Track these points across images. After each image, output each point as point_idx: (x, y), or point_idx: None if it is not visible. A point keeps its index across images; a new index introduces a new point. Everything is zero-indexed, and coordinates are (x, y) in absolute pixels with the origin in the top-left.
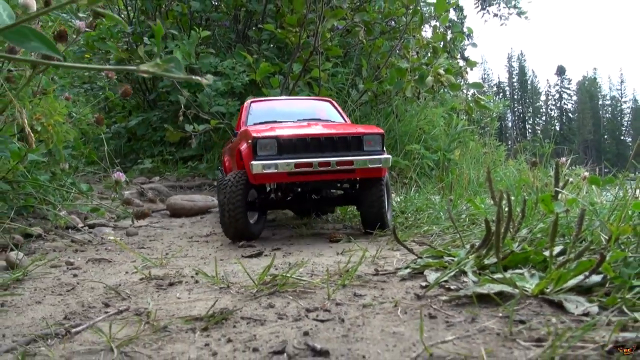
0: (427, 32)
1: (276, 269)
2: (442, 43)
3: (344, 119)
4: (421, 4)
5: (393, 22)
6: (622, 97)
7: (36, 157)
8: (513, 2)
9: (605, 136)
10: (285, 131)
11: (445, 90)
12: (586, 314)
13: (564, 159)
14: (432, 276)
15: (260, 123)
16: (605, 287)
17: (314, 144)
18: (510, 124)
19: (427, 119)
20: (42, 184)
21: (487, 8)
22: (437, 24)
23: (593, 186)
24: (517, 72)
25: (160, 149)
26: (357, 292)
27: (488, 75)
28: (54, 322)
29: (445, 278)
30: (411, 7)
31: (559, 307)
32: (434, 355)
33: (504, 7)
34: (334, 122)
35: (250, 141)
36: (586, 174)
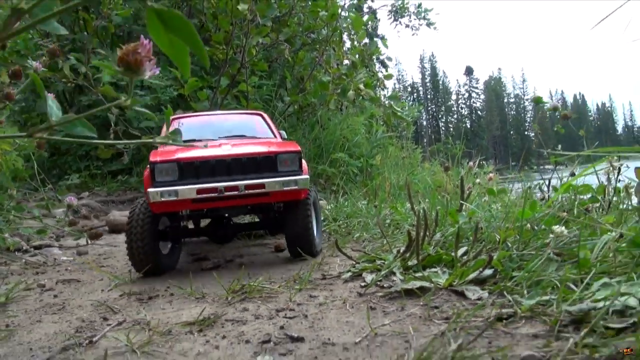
0: (347, 42)
1: (239, 279)
2: (360, 57)
3: (274, 134)
4: (339, 19)
5: (313, 35)
6: (524, 95)
7: None
8: (422, 14)
9: (511, 132)
10: (188, 153)
11: (365, 99)
12: (480, 299)
13: (471, 163)
14: (369, 277)
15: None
16: (495, 278)
17: (221, 167)
18: (424, 122)
19: (350, 128)
20: None
21: (400, 19)
22: (355, 40)
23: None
24: (429, 72)
25: (87, 163)
26: (311, 294)
27: (402, 76)
28: (68, 335)
29: (379, 278)
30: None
31: (461, 295)
32: (377, 334)
33: (415, 19)
34: (259, 138)
35: (148, 166)
36: (491, 174)
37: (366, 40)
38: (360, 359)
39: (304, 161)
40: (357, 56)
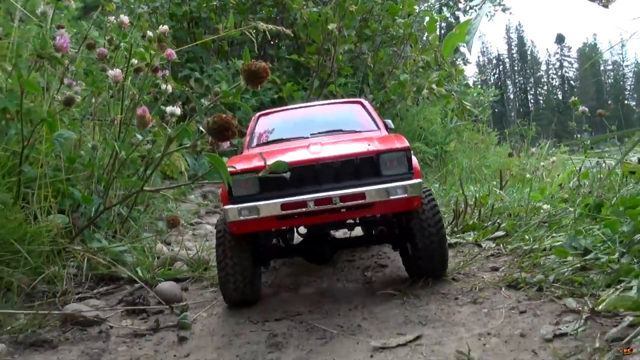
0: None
1: None
2: (433, 56)
3: (377, 125)
4: (416, 18)
5: (391, 30)
6: (623, 61)
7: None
8: (498, 1)
9: (609, 102)
10: (270, 160)
11: (438, 96)
12: (491, 248)
13: (533, 149)
14: None
15: (265, 144)
16: (506, 237)
17: (309, 174)
18: (512, 96)
19: (426, 119)
20: None
21: (472, 7)
22: (429, 41)
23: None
24: (516, 43)
25: None
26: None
27: (487, 48)
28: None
29: None
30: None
31: (479, 245)
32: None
33: (490, 6)
34: (359, 132)
35: None
36: (554, 158)
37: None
38: None
39: (414, 159)
40: (432, 55)
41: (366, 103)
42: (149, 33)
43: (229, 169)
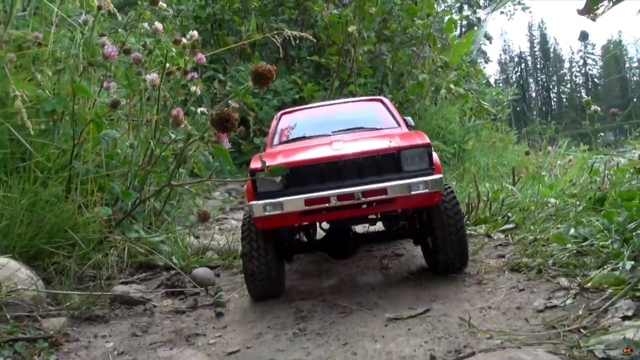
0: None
1: None
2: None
3: (397, 123)
4: (434, 18)
5: (410, 30)
6: None
7: None
8: (517, 0)
9: (635, 99)
10: (293, 156)
11: (456, 95)
12: (500, 238)
13: (550, 148)
14: None
15: (287, 141)
16: (515, 229)
17: (331, 170)
18: (534, 94)
19: (444, 118)
20: None
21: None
22: (447, 41)
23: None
24: (538, 40)
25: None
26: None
27: (509, 46)
28: None
29: None
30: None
31: (490, 237)
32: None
33: (510, 5)
34: (380, 130)
35: (249, 174)
36: (571, 157)
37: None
38: None
39: (435, 155)
40: (449, 54)
41: (386, 101)
42: (184, 40)
43: (253, 166)
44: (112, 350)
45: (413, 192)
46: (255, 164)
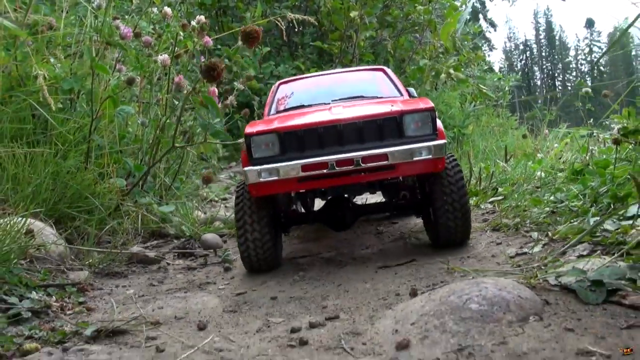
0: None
1: None
2: (451, 42)
3: (399, 92)
4: (435, 5)
5: (412, 16)
6: None
7: None
8: None
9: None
10: (291, 121)
11: (455, 80)
12: (487, 208)
13: (546, 131)
14: None
15: (285, 110)
16: (503, 200)
17: (330, 135)
18: (539, 82)
19: (445, 103)
20: None
21: None
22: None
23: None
24: (544, 28)
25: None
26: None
27: (514, 34)
28: None
29: None
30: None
31: (479, 207)
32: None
33: None
34: (382, 98)
35: (244, 139)
36: (568, 140)
37: (460, 25)
38: None
39: (439, 122)
40: (451, 40)
41: (389, 70)
42: (193, 23)
43: (248, 130)
44: (133, 294)
45: (415, 158)
46: (250, 129)
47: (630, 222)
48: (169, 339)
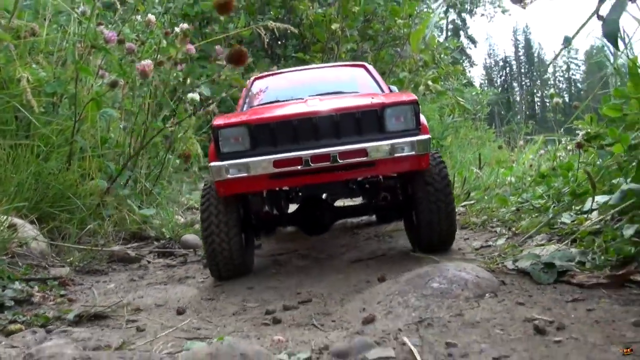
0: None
1: None
2: (430, 55)
3: (381, 89)
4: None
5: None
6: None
7: None
8: (497, 3)
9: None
10: (263, 114)
11: (434, 93)
12: (459, 211)
13: (521, 142)
14: None
15: (259, 105)
16: (475, 204)
17: (306, 129)
18: (518, 98)
19: (424, 115)
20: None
21: (475, 10)
22: (427, 39)
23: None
24: (523, 45)
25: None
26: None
27: (494, 50)
28: None
29: None
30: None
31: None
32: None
33: (490, 8)
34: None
35: (211, 132)
36: (542, 151)
37: (440, 38)
38: None
39: (422, 116)
40: (430, 54)
41: (370, 67)
42: (176, 29)
43: (216, 123)
44: (113, 288)
45: (397, 155)
46: (218, 121)
47: (586, 215)
48: (149, 321)
